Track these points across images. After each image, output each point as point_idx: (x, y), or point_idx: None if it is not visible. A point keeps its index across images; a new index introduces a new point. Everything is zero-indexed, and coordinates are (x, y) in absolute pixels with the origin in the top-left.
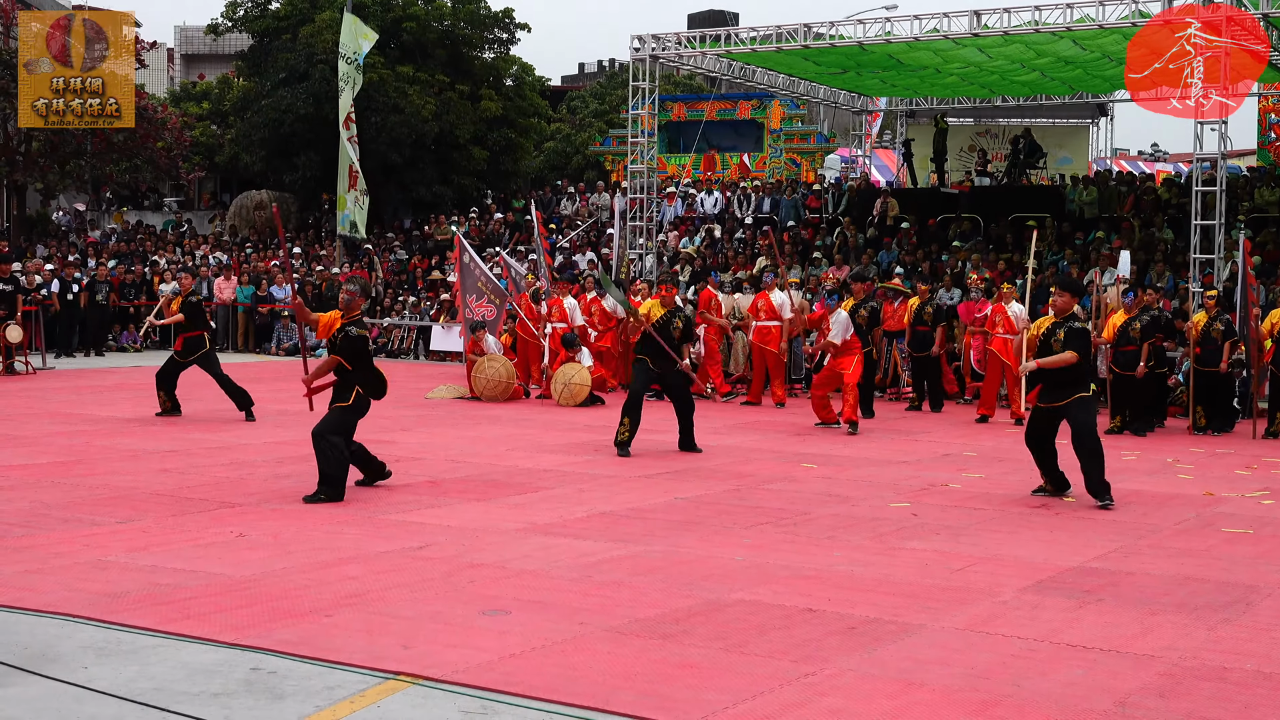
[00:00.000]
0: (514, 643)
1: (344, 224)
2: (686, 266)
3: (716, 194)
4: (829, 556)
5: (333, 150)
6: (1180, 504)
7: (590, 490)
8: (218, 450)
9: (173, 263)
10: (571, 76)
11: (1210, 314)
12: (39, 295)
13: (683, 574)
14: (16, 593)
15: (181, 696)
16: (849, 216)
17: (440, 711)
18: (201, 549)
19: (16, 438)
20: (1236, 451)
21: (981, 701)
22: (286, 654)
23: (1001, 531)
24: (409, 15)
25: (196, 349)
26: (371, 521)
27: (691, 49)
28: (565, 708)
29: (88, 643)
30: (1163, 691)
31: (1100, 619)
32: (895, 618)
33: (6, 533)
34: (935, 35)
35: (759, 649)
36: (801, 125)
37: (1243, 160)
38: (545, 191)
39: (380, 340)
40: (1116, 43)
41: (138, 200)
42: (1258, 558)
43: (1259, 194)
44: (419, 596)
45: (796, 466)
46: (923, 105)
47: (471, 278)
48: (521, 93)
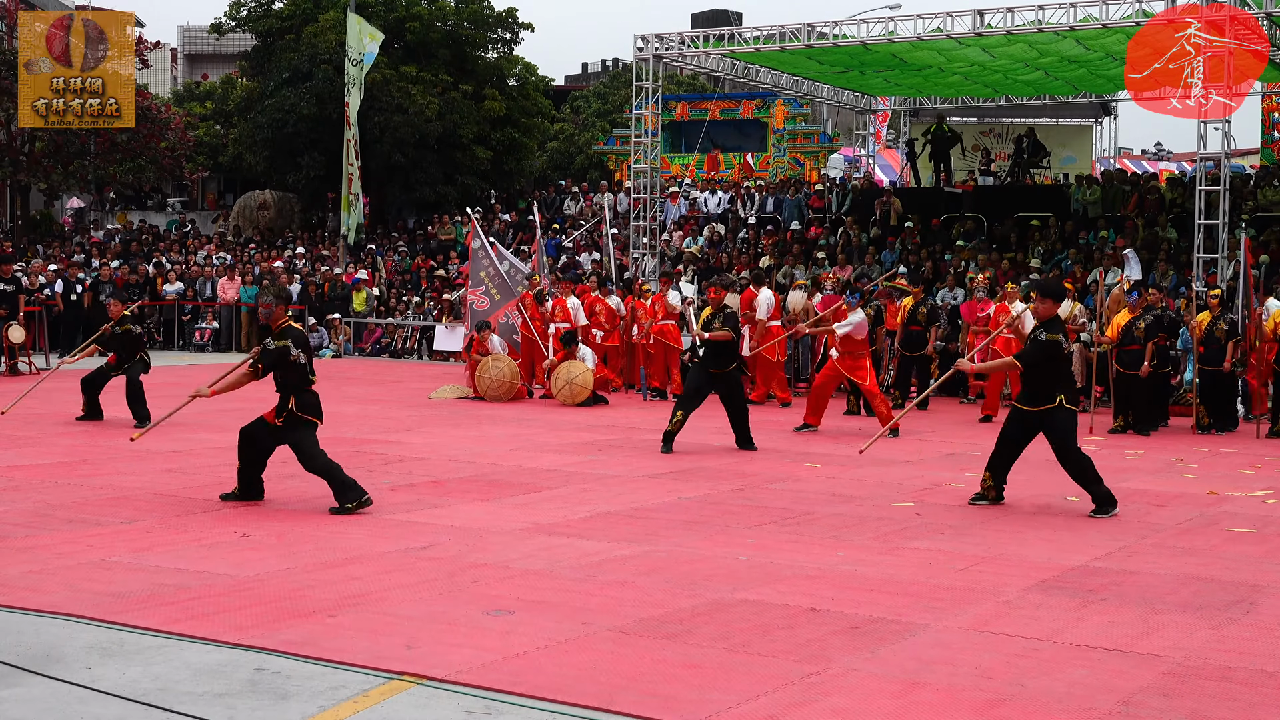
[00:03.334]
0: (518, 643)
1: (348, 225)
2: (689, 266)
3: (720, 194)
4: (832, 556)
5: (336, 150)
6: (1184, 503)
7: (594, 490)
8: (221, 451)
9: (175, 263)
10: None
11: (1214, 313)
12: (42, 295)
13: (686, 574)
14: (20, 593)
15: (185, 697)
16: (852, 216)
17: (444, 712)
18: (205, 549)
19: (20, 438)
20: (1240, 451)
21: (985, 701)
22: (290, 654)
23: (1005, 531)
24: (412, 15)
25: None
26: (375, 521)
27: (695, 48)
28: (569, 708)
29: (91, 643)
30: (1167, 691)
31: (1104, 618)
32: (899, 617)
33: (10, 533)
34: (939, 35)
35: (763, 649)
36: (805, 125)
37: (1246, 159)
38: (549, 191)
39: (384, 340)
40: (1120, 42)
41: (141, 200)
42: (1262, 557)
43: (1263, 193)
44: (422, 596)
45: (800, 466)
46: (926, 105)
47: (479, 266)
48: (525, 92)
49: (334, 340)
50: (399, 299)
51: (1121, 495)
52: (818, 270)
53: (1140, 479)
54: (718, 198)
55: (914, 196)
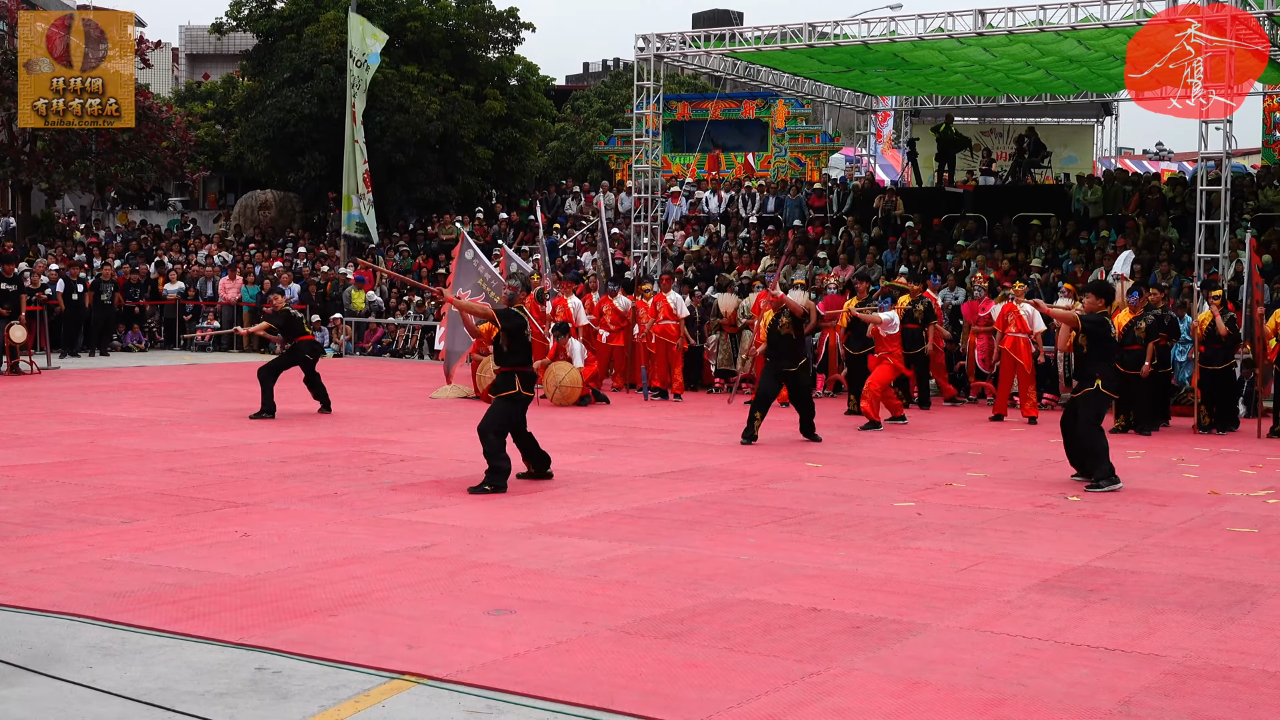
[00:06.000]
0: (519, 642)
1: (349, 224)
2: (691, 265)
3: (721, 193)
4: (834, 556)
5: (338, 150)
6: (1185, 503)
7: (594, 490)
8: (222, 450)
9: (176, 262)
10: (576, 76)
11: (1215, 312)
12: (43, 295)
13: (687, 573)
14: (22, 592)
15: (186, 696)
16: (853, 216)
17: (445, 711)
18: (206, 549)
19: (21, 438)
20: (1241, 450)
21: (986, 701)
22: (291, 654)
23: (1006, 531)
24: (413, 15)
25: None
26: (376, 521)
27: (696, 48)
28: (570, 707)
29: (93, 642)
30: (1167, 691)
31: (1105, 618)
32: (900, 617)
33: (12, 533)
34: (940, 34)
35: (764, 648)
36: (806, 124)
37: (1248, 159)
38: (550, 191)
39: (385, 340)
40: (1121, 42)
41: (142, 200)
42: (1263, 557)
43: (1264, 193)
44: (423, 596)
45: (801, 466)
46: (927, 104)
47: (472, 275)
48: (526, 92)
49: (335, 340)
50: (400, 299)
51: (1123, 495)
52: (818, 270)
53: (1141, 479)
54: (718, 197)
55: (915, 196)
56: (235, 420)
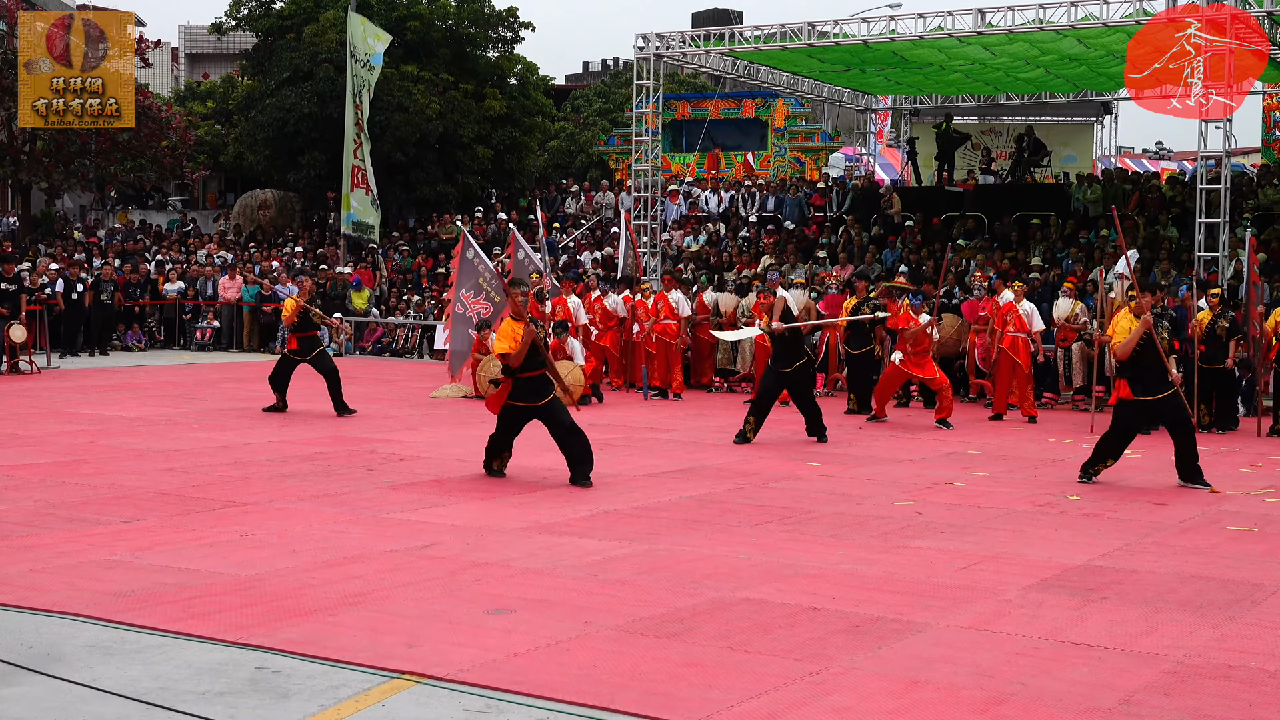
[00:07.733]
0: (519, 642)
1: (348, 223)
2: (691, 264)
3: (721, 192)
4: (833, 555)
5: (337, 149)
6: (1185, 502)
7: (594, 489)
8: (221, 450)
9: (176, 262)
10: (576, 75)
11: (1214, 311)
12: (43, 295)
13: (687, 573)
14: (21, 592)
15: (186, 696)
16: (853, 215)
17: (445, 710)
18: (206, 548)
19: (21, 437)
20: (1241, 449)
21: (986, 700)
22: (291, 653)
23: (1006, 530)
24: (413, 14)
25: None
26: (376, 520)
27: (696, 47)
28: (570, 706)
29: (92, 642)
30: (1168, 690)
31: (1105, 617)
32: (900, 616)
33: (11, 532)
34: (939, 33)
35: (764, 647)
36: (805, 124)
37: (1248, 158)
38: (550, 190)
39: (385, 339)
40: (1121, 41)
41: (142, 200)
42: (1263, 555)
43: (1263, 192)
44: (423, 595)
45: (801, 465)
46: (927, 103)
47: (473, 274)
48: (526, 91)
49: (335, 339)
50: (400, 298)
51: (1122, 494)
52: (818, 269)
53: (1142, 477)
54: (718, 197)
55: (915, 195)
56: (235, 420)
